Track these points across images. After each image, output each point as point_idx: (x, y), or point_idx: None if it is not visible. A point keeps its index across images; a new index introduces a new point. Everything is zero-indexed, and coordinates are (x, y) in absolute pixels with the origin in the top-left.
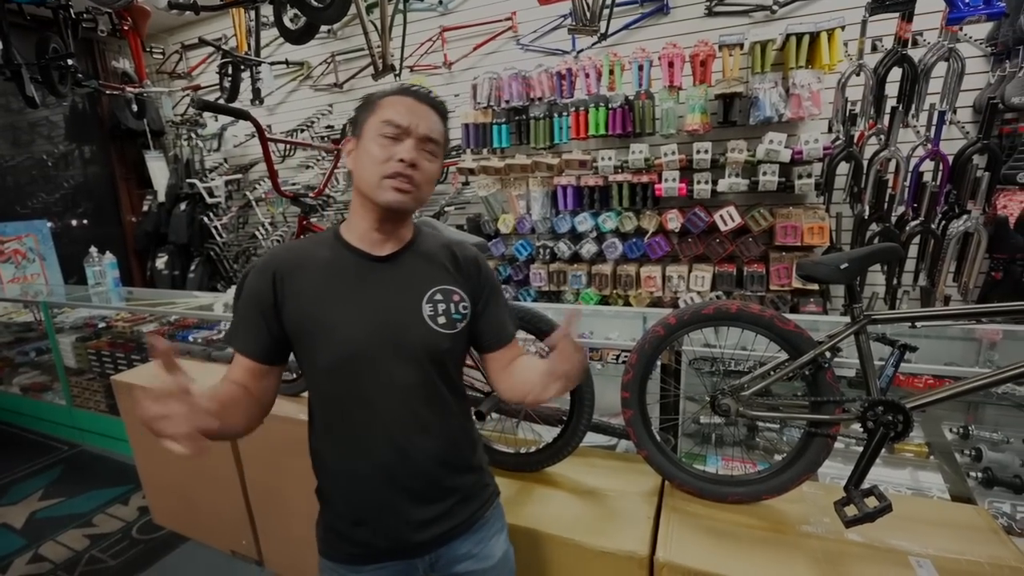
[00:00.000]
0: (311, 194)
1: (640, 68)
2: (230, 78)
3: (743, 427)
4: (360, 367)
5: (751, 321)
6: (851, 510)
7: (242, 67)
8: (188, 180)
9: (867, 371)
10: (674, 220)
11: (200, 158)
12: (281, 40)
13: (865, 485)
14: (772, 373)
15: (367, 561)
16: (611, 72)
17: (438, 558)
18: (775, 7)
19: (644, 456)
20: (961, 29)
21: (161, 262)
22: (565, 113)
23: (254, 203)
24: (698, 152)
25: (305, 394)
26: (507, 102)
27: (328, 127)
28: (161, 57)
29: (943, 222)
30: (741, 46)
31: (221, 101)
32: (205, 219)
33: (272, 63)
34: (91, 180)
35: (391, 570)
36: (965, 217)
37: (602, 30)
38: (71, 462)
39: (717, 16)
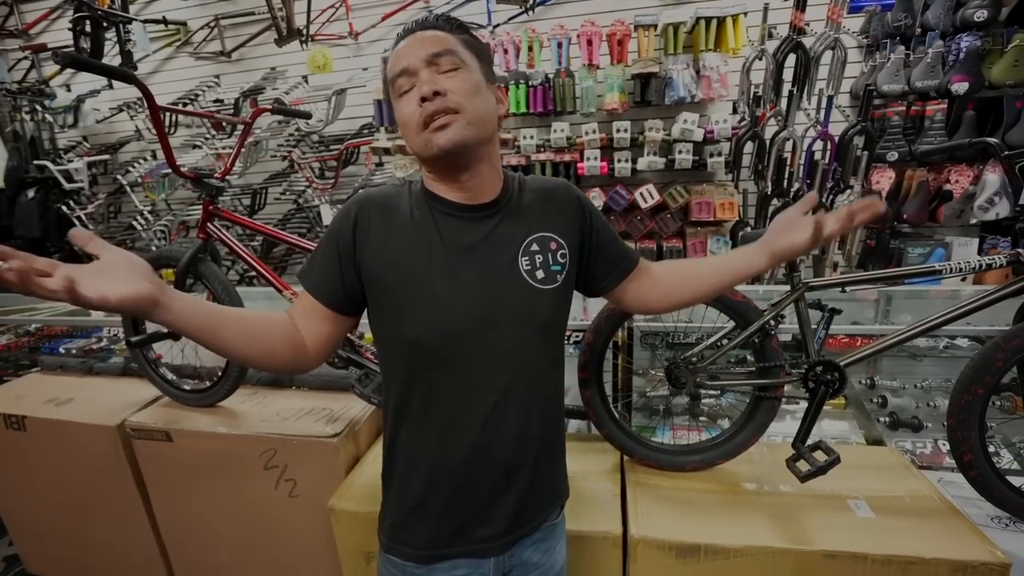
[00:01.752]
0: (216, 175)
1: (559, 45)
2: (89, 37)
3: (686, 397)
4: (456, 339)
5: None
6: (803, 465)
7: (104, 24)
8: (36, 162)
9: (805, 334)
10: (597, 197)
11: (51, 136)
12: None
13: (810, 441)
14: (724, 342)
15: (441, 558)
16: (530, 48)
17: (511, 565)
18: None
19: (605, 434)
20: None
21: None
22: None
23: (128, 188)
24: (618, 131)
25: (223, 403)
26: None
27: (216, 101)
28: None
29: (831, 197)
30: (655, 27)
31: (58, 54)
32: (64, 208)
33: (146, 21)
34: None
35: (463, 571)
36: (848, 192)
37: (529, 3)
38: None
39: None
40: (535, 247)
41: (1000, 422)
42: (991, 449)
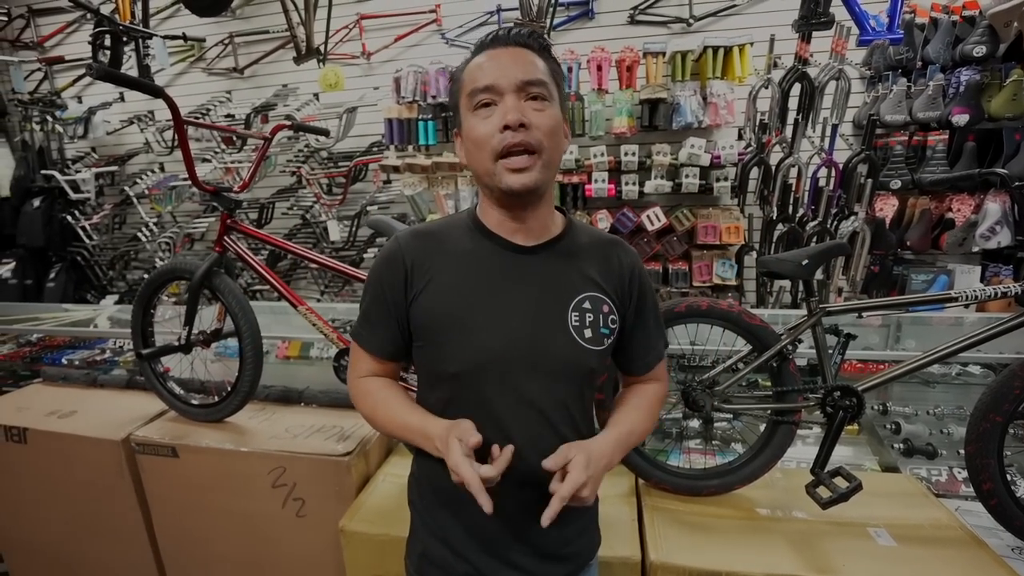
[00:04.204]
0: (235, 188)
1: (569, 69)
2: (108, 51)
3: (699, 420)
4: (492, 377)
5: (721, 317)
6: (824, 492)
7: (124, 39)
8: (44, 172)
9: (823, 359)
10: (604, 220)
11: (59, 145)
12: (166, 12)
13: (829, 467)
14: (741, 366)
15: None
16: None
17: None
18: (691, 20)
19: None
20: (845, 53)
21: (7, 269)
22: None
23: (135, 200)
24: (625, 154)
25: (231, 418)
26: (434, 97)
27: (228, 116)
28: (5, 19)
29: (835, 223)
30: (663, 54)
31: (92, 67)
32: (68, 218)
33: (166, 37)
34: None
35: None
36: (853, 218)
37: (547, 27)
38: None
39: (639, 24)
40: (587, 305)
41: (1016, 451)
42: (1009, 478)
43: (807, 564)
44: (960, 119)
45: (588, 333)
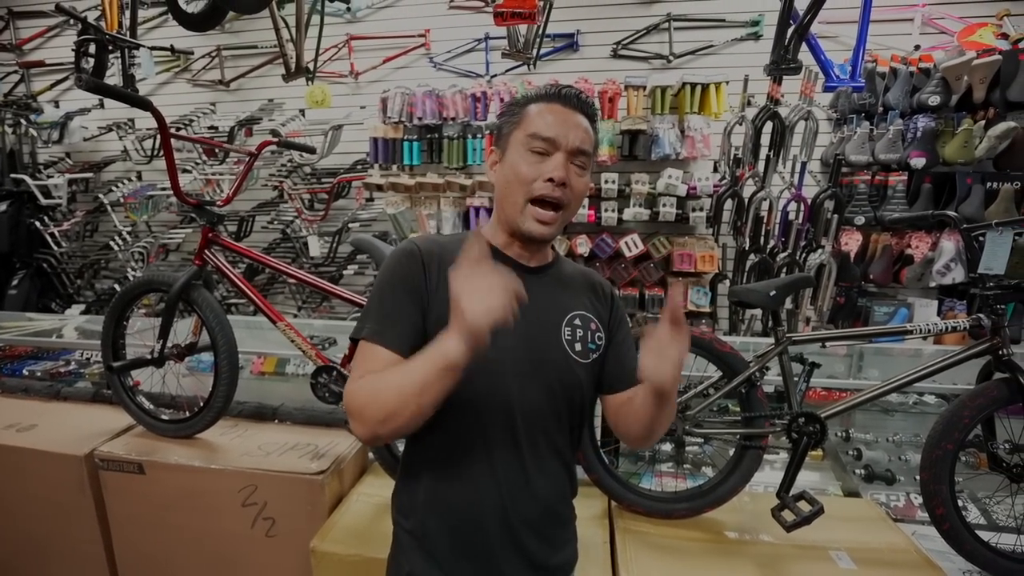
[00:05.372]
0: (218, 202)
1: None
2: (92, 59)
3: (671, 444)
4: (499, 381)
5: (693, 344)
6: (788, 515)
7: (110, 48)
8: (13, 175)
9: (788, 387)
10: (583, 245)
11: (32, 150)
12: (154, 21)
13: (793, 491)
14: (712, 391)
15: None
16: None
17: None
18: (671, 57)
19: (594, 480)
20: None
21: None
22: (480, 135)
23: (109, 208)
24: (606, 182)
25: (202, 435)
26: (419, 119)
27: (211, 128)
28: None
29: (804, 255)
30: (644, 88)
31: (82, 79)
32: (37, 224)
33: (154, 48)
34: None
35: None
36: (820, 251)
37: (531, 58)
38: None
39: (621, 59)
40: (577, 322)
41: (966, 477)
42: (960, 503)
43: None
44: (917, 162)
45: (578, 347)
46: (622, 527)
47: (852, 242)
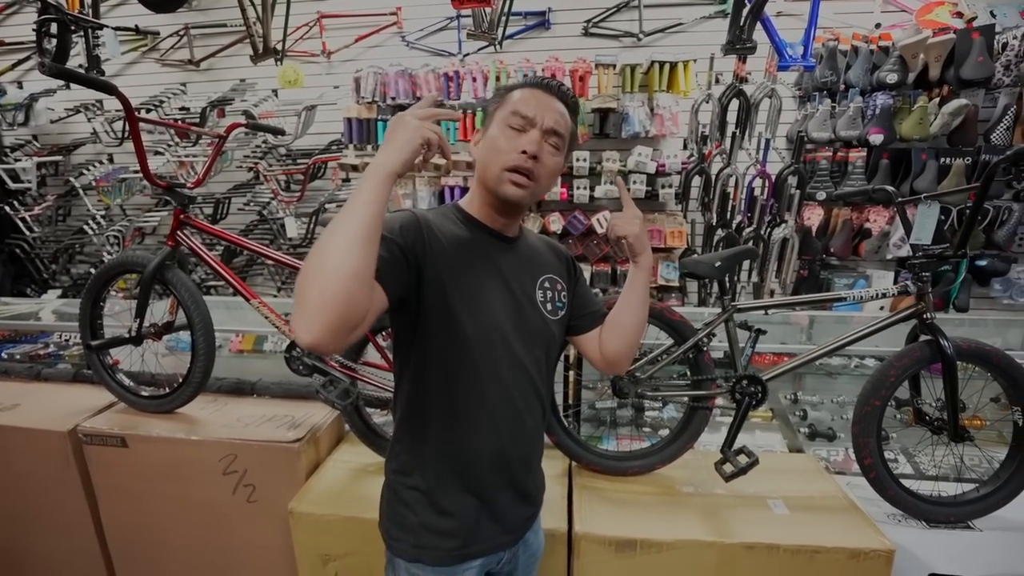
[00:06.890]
0: (189, 184)
1: (525, 76)
2: (54, 39)
3: (630, 409)
4: (496, 339)
5: None
6: (728, 468)
7: (72, 28)
8: None
9: (734, 352)
10: (556, 222)
11: None
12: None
13: (736, 446)
14: (663, 358)
15: (467, 558)
16: (498, 78)
17: (516, 554)
18: (641, 35)
19: (555, 441)
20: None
21: None
22: None
23: (81, 191)
24: (578, 160)
25: (182, 409)
26: (393, 99)
27: (182, 109)
28: None
29: (768, 230)
30: (614, 66)
31: (45, 64)
32: (7, 209)
33: (118, 28)
34: None
35: (486, 559)
36: (784, 226)
37: (497, 39)
38: None
39: (592, 37)
40: (547, 284)
41: (898, 431)
42: (890, 455)
43: (711, 530)
44: (876, 139)
45: (549, 306)
46: (580, 484)
47: (814, 217)
